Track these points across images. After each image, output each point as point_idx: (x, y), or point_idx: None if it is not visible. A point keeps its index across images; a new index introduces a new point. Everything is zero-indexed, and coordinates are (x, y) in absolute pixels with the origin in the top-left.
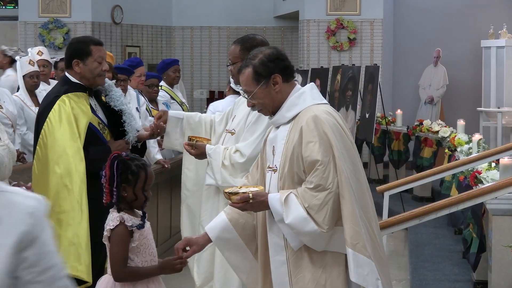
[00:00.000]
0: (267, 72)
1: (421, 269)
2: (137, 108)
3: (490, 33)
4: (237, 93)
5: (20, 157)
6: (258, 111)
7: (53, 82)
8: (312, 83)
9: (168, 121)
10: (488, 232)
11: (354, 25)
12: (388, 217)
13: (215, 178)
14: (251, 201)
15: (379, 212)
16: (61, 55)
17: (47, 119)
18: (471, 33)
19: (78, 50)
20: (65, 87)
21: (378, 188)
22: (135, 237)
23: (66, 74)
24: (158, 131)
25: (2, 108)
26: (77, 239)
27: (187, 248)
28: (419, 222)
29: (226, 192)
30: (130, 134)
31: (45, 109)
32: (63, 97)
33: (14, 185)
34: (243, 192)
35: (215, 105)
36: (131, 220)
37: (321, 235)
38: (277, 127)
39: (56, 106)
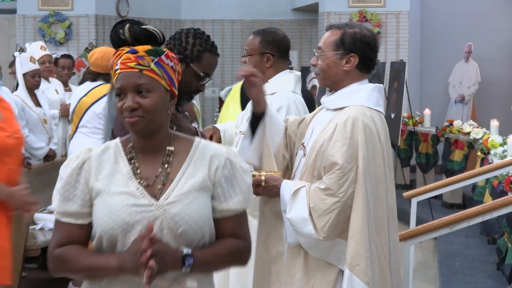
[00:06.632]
0: (350, 47)
1: (452, 282)
2: None
3: None
4: None
5: (24, 162)
6: (315, 74)
7: (53, 80)
8: (379, 85)
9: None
10: None
11: (378, 17)
12: (416, 226)
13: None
14: (263, 184)
15: (406, 220)
16: (63, 51)
17: None
18: (505, 26)
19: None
20: None
21: (405, 194)
22: None
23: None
24: None
25: None
26: None
27: None
28: (450, 231)
29: None
30: None
31: None
32: None
33: None
34: (257, 175)
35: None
36: None
37: (317, 241)
38: (326, 109)
39: None
